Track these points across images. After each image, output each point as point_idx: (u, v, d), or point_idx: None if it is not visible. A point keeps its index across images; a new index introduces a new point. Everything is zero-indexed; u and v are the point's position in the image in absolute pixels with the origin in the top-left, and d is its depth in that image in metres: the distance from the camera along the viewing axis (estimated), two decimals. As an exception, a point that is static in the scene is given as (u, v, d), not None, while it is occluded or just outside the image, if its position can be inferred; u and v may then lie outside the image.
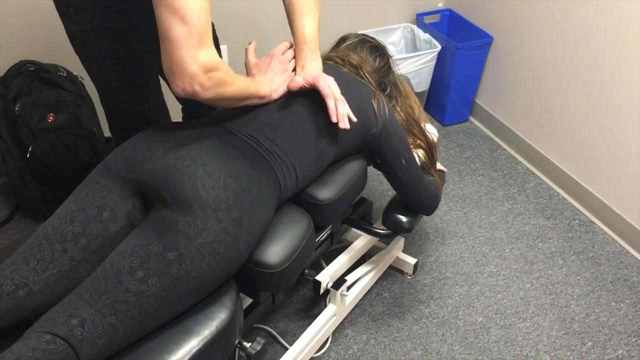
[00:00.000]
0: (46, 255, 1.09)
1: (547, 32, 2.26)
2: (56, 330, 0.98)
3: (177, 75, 1.07)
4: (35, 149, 1.97)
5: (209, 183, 1.10)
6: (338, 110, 1.28)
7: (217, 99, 1.15)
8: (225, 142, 1.21)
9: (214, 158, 1.14)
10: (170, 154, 1.13)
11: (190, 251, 1.05)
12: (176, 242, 1.05)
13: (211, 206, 1.08)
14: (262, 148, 1.25)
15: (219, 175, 1.11)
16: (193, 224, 1.06)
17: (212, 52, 1.10)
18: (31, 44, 2.09)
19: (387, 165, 1.52)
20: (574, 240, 2.16)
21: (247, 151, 1.22)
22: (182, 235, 1.05)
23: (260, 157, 1.24)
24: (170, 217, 1.07)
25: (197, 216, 1.07)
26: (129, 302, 1.02)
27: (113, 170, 1.16)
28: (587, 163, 2.24)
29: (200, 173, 1.10)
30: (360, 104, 1.40)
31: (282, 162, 1.27)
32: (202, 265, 1.07)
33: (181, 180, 1.09)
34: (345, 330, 1.81)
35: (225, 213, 1.09)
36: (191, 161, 1.12)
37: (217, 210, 1.08)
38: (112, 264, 1.05)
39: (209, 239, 1.07)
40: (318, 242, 1.52)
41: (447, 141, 2.67)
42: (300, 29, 1.36)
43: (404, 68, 2.47)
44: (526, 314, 1.88)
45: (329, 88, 1.29)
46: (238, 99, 1.24)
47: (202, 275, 1.08)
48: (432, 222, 2.22)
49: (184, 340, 1.07)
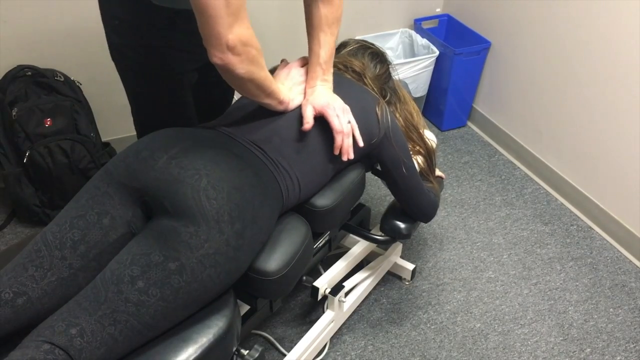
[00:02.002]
0: (45, 262, 1.08)
1: (545, 38, 2.26)
2: (55, 340, 0.97)
3: (215, 47, 1.10)
4: (32, 154, 1.96)
5: (212, 194, 1.08)
6: (343, 145, 1.31)
7: (247, 78, 1.17)
8: (230, 152, 1.20)
9: (217, 169, 1.13)
10: (173, 163, 1.12)
11: (191, 262, 1.04)
12: (178, 252, 1.04)
13: (214, 217, 1.07)
14: (268, 159, 1.25)
15: (223, 187, 1.10)
16: (195, 235, 1.05)
17: (248, 27, 1.12)
18: (28, 49, 2.08)
19: (387, 173, 1.51)
20: (572, 246, 2.16)
21: (251, 161, 1.22)
22: (184, 246, 1.04)
23: (265, 168, 1.23)
24: (172, 226, 1.06)
25: (200, 227, 1.06)
26: (129, 313, 1.01)
27: (115, 177, 1.15)
28: (585, 169, 2.24)
29: (203, 184, 1.09)
30: (365, 112, 1.39)
31: (287, 173, 1.27)
32: (203, 277, 1.06)
33: (184, 190, 1.08)
34: (343, 336, 1.80)
35: (228, 225, 1.08)
36: (195, 171, 1.10)
37: (220, 222, 1.07)
38: (113, 273, 1.04)
39: (210, 250, 1.06)
40: (316, 248, 1.52)
41: (445, 146, 2.67)
42: (316, 46, 1.36)
43: (402, 73, 2.47)
44: (524, 320, 1.87)
45: (337, 120, 1.30)
46: (262, 90, 1.24)
47: (202, 286, 1.07)
48: (430, 227, 2.21)
49: (182, 348, 1.06)
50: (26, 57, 2.06)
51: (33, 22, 2.05)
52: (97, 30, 2.09)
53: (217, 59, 1.12)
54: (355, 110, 1.35)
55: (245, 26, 1.11)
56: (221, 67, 1.14)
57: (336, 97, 1.35)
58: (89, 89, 2.15)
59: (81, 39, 2.14)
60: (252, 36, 1.13)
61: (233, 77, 1.17)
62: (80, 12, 2.09)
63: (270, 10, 2.39)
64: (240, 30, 1.09)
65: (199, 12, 1.08)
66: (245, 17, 1.11)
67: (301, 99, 1.36)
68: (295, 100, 1.35)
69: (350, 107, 1.34)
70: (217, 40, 1.09)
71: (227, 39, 1.08)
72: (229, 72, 1.15)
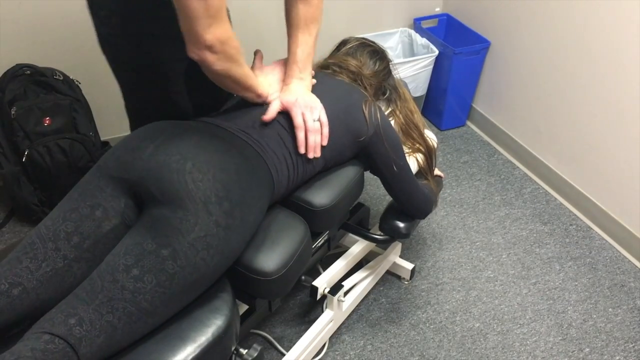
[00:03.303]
0: (39, 254, 1.09)
1: (544, 37, 2.26)
2: (54, 330, 0.98)
3: (193, 45, 1.16)
4: (31, 153, 1.96)
5: (198, 176, 1.10)
6: (309, 142, 1.33)
7: (223, 74, 1.22)
8: (214, 135, 1.23)
9: (203, 151, 1.15)
10: (159, 151, 1.14)
11: (183, 247, 1.06)
12: (169, 238, 1.05)
13: (201, 199, 1.08)
14: (252, 140, 1.27)
15: (208, 168, 1.12)
16: (185, 219, 1.06)
17: (227, 26, 1.16)
18: (27, 48, 2.08)
19: (378, 170, 1.52)
20: (571, 246, 2.16)
21: (236, 143, 1.24)
22: (175, 231, 1.06)
23: (250, 149, 1.25)
24: (162, 214, 1.08)
25: (188, 211, 1.07)
26: (126, 300, 1.02)
27: (105, 171, 1.17)
28: (585, 168, 2.24)
29: (189, 167, 1.11)
30: (350, 110, 1.41)
31: (273, 153, 1.29)
32: (197, 260, 1.07)
33: (170, 175, 1.10)
34: (342, 336, 1.80)
35: (215, 206, 1.09)
36: (180, 156, 1.12)
37: (208, 204, 1.09)
38: (108, 264, 1.06)
39: (201, 233, 1.07)
40: (315, 248, 1.52)
41: (445, 146, 2.67)
42: (293, 46, 1.39)
43: (402, 72, 2.47)
44: (523, 319, 1.87)
45: (300, 117, 1.33)
46: (240, 84, 1.29)
47: (197, 270, 1.08)
48: (429, 227, 2.21)
49: (180, 347, 1.07)
50: (25, 56, 2.06)
51: (32, 21, 2.05)
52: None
53: (194, 54, 1.17)
54: (338, 109, 1.38)
55: (223, 27, 1.15)
56: (198, 62, 1.20)
57: (309, 95, 1.37)
58: (88, 88, 2.15)
59: (80, 38, 2.14)
60: (230, 37, 1.18)
61: (210, 72, 1.22)
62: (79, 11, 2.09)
63: (270, 11, 2.39)
64: (219, 31, 1.14)
65: (179, 10, 1.12)
66: (225, 17, 1.15)
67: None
68: (275, 95, 1.38)
69: (332, 107, 1.37)
70: (195, 38, 1.14)
71: (205, 38, 1.13)
72: (206, 68, 1.21)
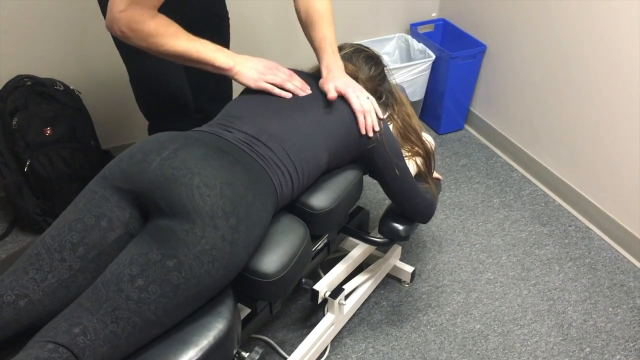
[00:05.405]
0: (45, 265, 1.10)
1: (540, 40, 2.28)
2: (58, 339, 0.98)
3: (108, 15, 1.28)
4: (32, 162, 1.98)
5: (206, 191, 1.11)
6: (367, 122, 1.42)
7: (153, 49, 1.32)
8: (220, 150, 1.23)
9: (209, 166, 1.16)
10: (166, 164, 1.15)
11: (189, 259, 1.06)
12: (175, 250, 1.06)
13: (208, 214, 1.09)
14: (256, 154, 1.27)
15: (215, 183, 1.13)
16: (191, 232, 1.07)
17: (144, 10, 1.26)
18: (28, 59, 2.10)
19: (379, 175, 1.53)
20: (570, 247, 2.17)
21: (241, 158, 1.24)
22: (181, 244, 1.06)
23: (255, 163, 1.26)
24: (169, 226, 1.08)
25: (195, 224, 1.08)
26: (130, 310, 1.03)
27: (110, 181, 1.17)
28: (583, 169, 2.25)
29: (196, 182, 1.11)
30: (351, 113, 1.43)
31: (277, 167, 1.29)
32: (201, 272, 1.08)
33: (178, 190, 1.10)
34: (344, 339, 1.81)
35: (222, 220, 1.10)
36: (187, 170, 1.13)
37: (215, 218, 1.09)
38: (112, 273, 1.06)
39: (207, 246, 1.08)
40: (315, 251, 1.53)
41: (443, 149, 2.68)
42: (321, 33, 1.48)
43: (399, 78, 2.48)
44: (524, 320, 1.88)
45: (358, 101, 1.41)
46: (183, 58, 1.36)
47: (201, 282, 1.09)
48: (429, 230, 2.22)
49: (182, 351, 1.07)
50: (26, 66, 2.08)
51: (32, 32, 2.07)
52: (96, 40, 2.12)
53: (107, 27, 1.30)
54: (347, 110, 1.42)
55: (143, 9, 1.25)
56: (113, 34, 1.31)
57: (350, 79, 1.46)
58: (89, 98, 2.17)
59: (80, 49, 2.16)
60: (143, 14, 1.26)
61: (136, 45, 1.32)
62: (80, 21, 2.11)
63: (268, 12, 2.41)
64: (133, 11, 1.24)
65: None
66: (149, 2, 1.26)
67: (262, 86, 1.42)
68: (248, 75, 1.42)
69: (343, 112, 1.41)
70: (109, 10, 1.26)
71: (114, 17, 1.25)
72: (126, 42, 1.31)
